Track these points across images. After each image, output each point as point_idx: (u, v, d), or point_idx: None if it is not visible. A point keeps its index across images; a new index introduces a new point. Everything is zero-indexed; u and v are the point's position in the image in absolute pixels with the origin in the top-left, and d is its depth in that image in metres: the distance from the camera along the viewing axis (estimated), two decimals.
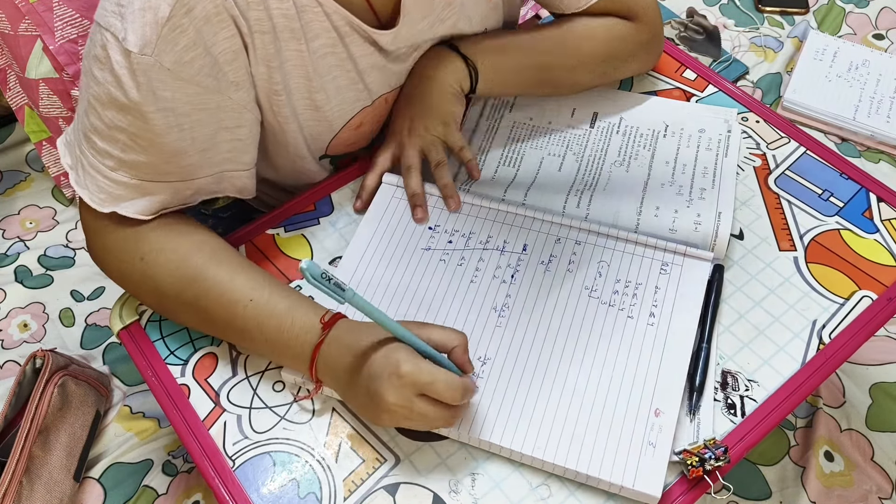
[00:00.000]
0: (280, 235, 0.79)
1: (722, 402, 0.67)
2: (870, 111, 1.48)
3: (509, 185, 0.81)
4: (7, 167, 1.47)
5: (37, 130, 1.10)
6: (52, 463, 1.00)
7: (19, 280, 1.30)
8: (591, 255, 0.75)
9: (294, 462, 0.64)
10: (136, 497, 1.06)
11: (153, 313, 0.74)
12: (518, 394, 0.66)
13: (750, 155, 0.85)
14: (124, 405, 1.14)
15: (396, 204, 0.79)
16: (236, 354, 0.70)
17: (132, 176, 0.64)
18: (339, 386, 0.63)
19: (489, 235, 0.76)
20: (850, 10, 1.74)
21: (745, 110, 0.89)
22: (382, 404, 0.58)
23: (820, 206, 0.81)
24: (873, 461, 1.10)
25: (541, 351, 0.68)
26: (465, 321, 0.70)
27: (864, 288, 0.74)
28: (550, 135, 0.87)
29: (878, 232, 0.79)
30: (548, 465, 0.63)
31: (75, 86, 0.90)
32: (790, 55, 1.62)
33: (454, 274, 0.73)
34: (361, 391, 0.60)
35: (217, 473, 0.63)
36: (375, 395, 0.58)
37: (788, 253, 0.77)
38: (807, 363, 0.69)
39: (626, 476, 0.61)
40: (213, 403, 0.67)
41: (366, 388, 0.59)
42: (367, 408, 0.61)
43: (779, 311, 0.73)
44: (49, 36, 0.85)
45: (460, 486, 0.63)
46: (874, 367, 1.18)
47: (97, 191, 0.64)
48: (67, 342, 1.23)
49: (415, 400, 0.58)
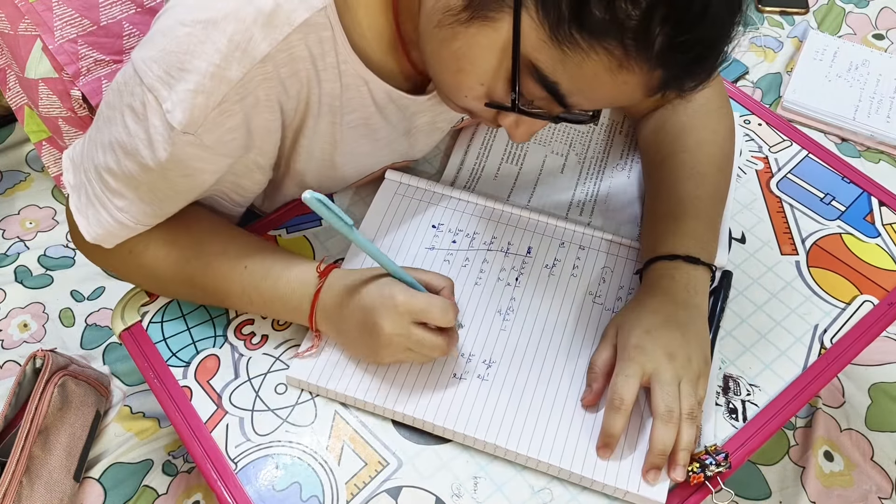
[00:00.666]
0: (282, 237, 0.78)
1: (723, 406, 0.67)
2: (870, 111, 1.48)
3: (514, 187, 0.81)
4: (7, 167, 1.47)
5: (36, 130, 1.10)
6: (52, 463, 1.00)
7: (19, 280, 1.30)
8: (594, 261, 0.75)
9: (296, 465, 0.64)
10: (136, 497, 1.06)
11: (155, 314, 0.73)
12: (523, 397, 0.66)
13: (752, 158, 0.85)
14: (124, 405, 1.14)
15: (399, 201, 0.79)
16: (238, 356, 0.70)
17: (136, 221, 0.64)
18: (338, 331, 0.66)
19: (493, 236, 0.76)
20: (850, 10, 1.74)
21: (747, 113, 0.89)
22: (382, 336, 0.61)
23: (822, 209, 0.81)
24: (873, 461, 1.10)
25: (545, 354, 0.68)
26: (471, 323, 0.70)
27: (866, 292, 0.74)
28: (553, 130, 0.87)
29: (880, 236, 0.79)
30: (552, 469, 0.63)
31: (75, 85, 0.90)
32: (790, 55, 1.63)
33: (458, 275, 0.73)
34: (360, 328, 0.63)
35: (219, 476, 0.63)
36: (374, 328, 0.61)
37: (790, 257, 0.77)
38: (808, 368, 0.70)
39: (631, 481, 0.61)
40: (216, 406, 0.67)
41: (363, 322, 0.62)
42: (367, 345, 0.63)
43: (780, 315, 0.73)
44: (49, 36, 0.84)
45: (462, 489, 0.63)
46: (874, 368, 1.18)
47: (96, 224, 0.65)
48: (67, 342, 1.23)
49: (412, 328, 0.61)
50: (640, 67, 0.49)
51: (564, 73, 0.51)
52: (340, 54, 0.60)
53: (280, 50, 0.56)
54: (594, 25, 0.47)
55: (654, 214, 0.74)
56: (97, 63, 0.85)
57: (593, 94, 0.53)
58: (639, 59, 0.48)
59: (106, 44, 0.85)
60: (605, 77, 0.50)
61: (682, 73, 0.51)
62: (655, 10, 0.46)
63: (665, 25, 0.47)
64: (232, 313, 0.73)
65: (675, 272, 0.68)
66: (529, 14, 0.49)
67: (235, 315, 0.73)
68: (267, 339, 0.71)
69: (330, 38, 0.58)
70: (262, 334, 0.71)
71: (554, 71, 0.51)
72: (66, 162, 0.68)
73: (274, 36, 0.55)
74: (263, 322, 0.72)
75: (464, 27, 0.52)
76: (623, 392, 0.62)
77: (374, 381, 0.66)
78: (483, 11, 0.51)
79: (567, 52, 0.49)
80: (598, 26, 0.47)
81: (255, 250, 0.68)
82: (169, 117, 0.56)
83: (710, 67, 0.52)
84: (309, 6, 0.56)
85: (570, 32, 0.48)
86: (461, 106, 0.61)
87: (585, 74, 0.50)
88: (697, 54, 0.50)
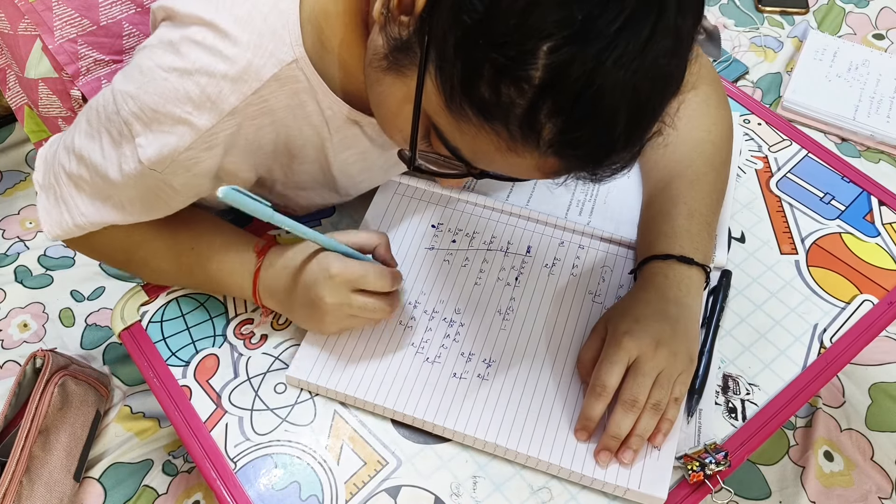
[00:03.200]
0: (282, 236, 0.79)
1: (723, 405, 0.67)
2: (870, 111, 1.48)
3: (513, 186, 0.81)
4: (7, 167, 1.47)
5: (36, 130, 1.10)
6: (52, 463, 1.00)
7: (19, 280, 1.30)
8: (594, 260, 0.75)
9: (296, 464, 0.64)
10: (136, 497, 1.06)
11: (154, 314, 0.74)
12: (522, 396, 0.66)
13: (752, 157, 0.85)
14: (124, 405, 1.14)
15: (398, 201, 0.79)
16: (238, 356, 0.70)
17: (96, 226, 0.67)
18: (282, 306, 0.68)
19: (493, 236, 0.76)
20: (850, 10, 1.74)
21: (746, 112, 0.89)
22: (323, 306, 0.63)
23: (821, 209, 0.81)
24: (873, 461, 1.10)
25: (545, 354, 0.68)
26: (470, 323, 0.70)
27: (866, 292, 0.74)
28: None
29: (880, 235, 0.79)
30: (552, 468, 0.63)
31: (74, 85, 0.90)
32: (790, 55, 1.63)
33: (458, 275, 0.73)
34: (303, 302, 0.65)
35: (219, 475, 0.63)
36: (315, 300, 0.63)
37: (790, 256, 0.77)
38: (808, 367, 0.70)
39: (632, 478, 0.61)
40: (215, 405, 0.67)
41: (305, 297, 0.64)
42: (311, 317, 0.65)
43: (780, 314, 0.73)
44: (48, 35, 0.84)
45: (462, 488, 0.63)
46: (874, 368, 1.18)
47: (57, 226, 0.68)
48: (67, 342, 1.23)
49: (351, 295, 0.63)
50: (530, 154, 0.46)
51: (462, 142, 0.49)
52: (323, 102, 0.62)
53: (250, 104, 0.58)
54: (482, 105, 0.45)
55: (650, 214, 0.74)
56: (97, 63, 0.85)
57: (492, 166, 0.51)
58: (527, 146, 0.46)
59: (106, 44, 0.85)
60: (497, 155, 0.48)
61: (583, 165, 0.48)
62: (542, 101, 0.43)
63: (552, 119, 0.43)
64: (231, 313, 0.73)
65: (669, 271, 0.68)
66: (431, 78, 0.47)
67: (235, 314, 0.73)
68: (266, 338, 0.71)
69: (306, 88, 0.60)
70: (262, 334, 0.72)
71: (453, 137, 0.49)
72: (39, 161, 0.70)
73: (242, 90, 0.57)
74: (263, 322, 0.72)
75: (384, 74, 0.52)
76: (606, 378, 0.62)
77: (374, 380, 0.67)
78: (397, 64, 0.50)
79: (461, 123, 0.47)
80: (486, 107, 0.45)
81: (201, 231, 0.70)
82: (140, 151, 0.59)
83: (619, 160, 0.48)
84: (277, 61, 0.57)
85: (462, 105, 0.46)
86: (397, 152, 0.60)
87: (480, 148, 0.48)
88: (595, 151, 0.46)
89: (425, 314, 0.71)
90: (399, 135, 0.55)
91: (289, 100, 0.60)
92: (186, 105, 0.57)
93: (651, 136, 0.48)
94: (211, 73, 0.56)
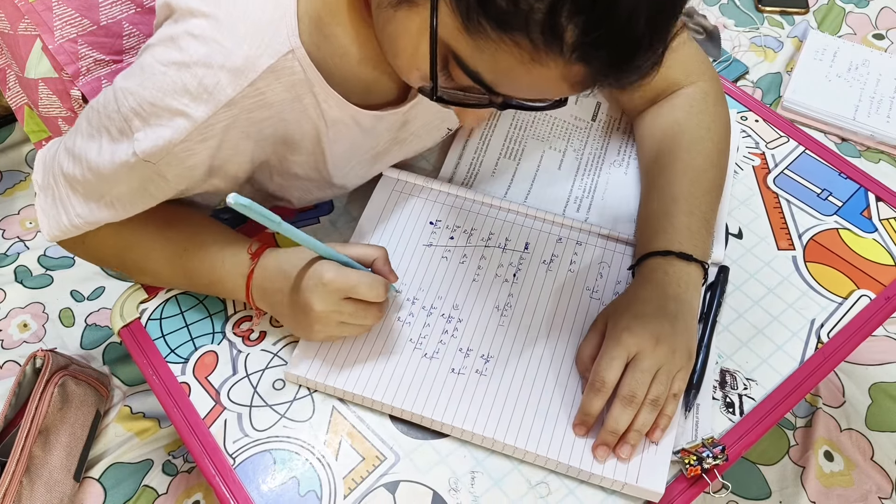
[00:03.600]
0: (280, 234, 0.79)
1: (720, 400, 0.67)
2: (870, 111, 1.48)
3: (511, 183, 0.82)
4: (7, 167, 1.47)
5: (36, 130, 1.10)
6: (52, 463, 1.00)
7: (19, 280, 1.30)
8: (592, 256, 0.75)
9: (294, 460, 0.64)
10: (136, 497, 1.06)
11: (153, 311, 0.74)
12: (521, 392, 0.66)
13: (749, 154, 0.85)
14: (124, 405, 1.14)
15: (396, 198, 0.79)
16: (236, 353, 0.71)
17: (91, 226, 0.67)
18: (274, 309, 0.68)
19: (491, 232, 0.76)
20: (850, 10, 1.74)
21: (744, 109, 0.89)
22: (312, 314, 0.63)
23: (819, 205, 0.81)
24: (873, 461, 1.10)
25: (543, 350, 0.69)
26: (468, 319, 0.70)
27: (863, 287, 0.75)
28: (553, 125, 0.87)
29: (877, 231, 0.79)
30: (550, 462, 0.63)
31: (74, 85, 0.90)
32: (790, 55, 1.63)
33: (456, 271, 0.74)
34: (294, 308, 0.64)
35: (217, 472, 0.64)
36: (305, 307, 0.63)
37: (787, 252, 0.77)
38: (805, 362, 0.70)
39: (630, 472, 0.61)
40: (214, 402, 0.68)
41: (296, 302, 0.64)
42: (301, 323, 0.65)
43: (777, 310, 0.73)
44: (48, 35, 0.85)
45: (460, 483, 0.63)
46: (874, 367, 1.18)
47: (56, 227, 0.68)
48: (67, 342, 1.23)
49: (342, 303, 0.63)
50: (555, 62, 0.46)
51: (482, 64, 0.49)
52: (319, 94, 0.62)
53: (246, 96, 0.58)
54: (500, 17, 0.44)
55: (648, 211, 0.74)
56: (97, 63, 0.85)
57: (515, 86, 0.51)
58: (550, 54, 0.45)
59: (106, 44, 0.85)
60: (520, 70, 0.47)
61: (609, 69, 0.47)
62: (561, 1, 0.43)
63: (573, 19, 0.43)
64: (230, 310, 0.73)
65: (668, 267, 0.68)
66: (445, 1, 0.47)
67: (234, 311, 0.73)
68: (265, 335, 0.71)
69: (302, 81, 0.60)
70: (261, 331, 0.72)
71: (473, 61, 0.49)
72: (39, 162, 0.71)
73: (239, 82, 0.57)
74: (262, 319, 0.72)
75: (394, 11, 0.52)
76: (605, 374, 0.62)
77: (372, 376, 0.67)
78: None
79: (480, 42, 0.47)
80: (504, 18, 0.44)
81: (194, 232, 0.70)
82: (136, 145, 0.59)
83: (643, 61, 0.47)
84: (274, 52, 0.57)
85: (480, 22, 0.46)
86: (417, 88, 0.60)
87: (501, 66, 0.48)
88: (619, 50, 0.46)
89: (423, 310, 0.71)
90: (417, 73, 0.55)
91: (286, 93, 0.60)
92: (184, 97, 0.57)
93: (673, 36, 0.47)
94: (209, 64, 0.56)
